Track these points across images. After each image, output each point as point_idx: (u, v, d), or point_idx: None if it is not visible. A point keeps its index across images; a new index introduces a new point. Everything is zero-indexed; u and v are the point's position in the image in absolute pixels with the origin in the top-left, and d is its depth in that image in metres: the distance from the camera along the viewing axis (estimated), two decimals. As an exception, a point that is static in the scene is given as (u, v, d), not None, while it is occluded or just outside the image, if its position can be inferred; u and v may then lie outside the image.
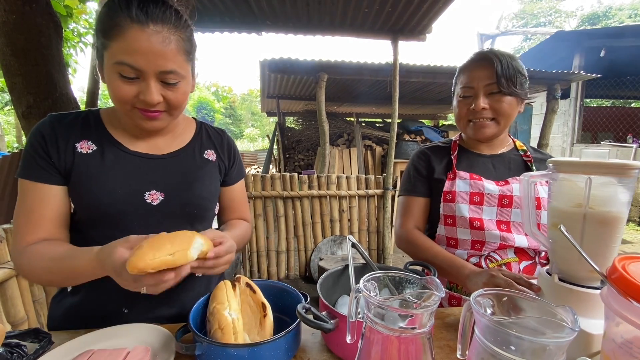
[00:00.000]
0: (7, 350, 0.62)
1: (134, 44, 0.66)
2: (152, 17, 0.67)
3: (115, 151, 0.80)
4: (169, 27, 0.69)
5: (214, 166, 0.92)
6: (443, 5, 2.93)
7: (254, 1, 2.89)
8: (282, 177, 3.29)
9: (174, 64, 0.71)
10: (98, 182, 0.76)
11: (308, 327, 0.66)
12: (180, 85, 0.74)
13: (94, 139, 0.80)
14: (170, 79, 0.72)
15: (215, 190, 0.92)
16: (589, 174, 0.61)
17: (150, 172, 0.82)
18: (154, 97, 0.70)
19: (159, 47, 0.67)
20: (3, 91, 7.96)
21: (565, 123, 7.80)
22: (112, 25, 0.67)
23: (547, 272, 0.72)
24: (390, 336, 0.46)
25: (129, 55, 0.67)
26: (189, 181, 0.85)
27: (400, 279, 0.54)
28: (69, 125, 0.79)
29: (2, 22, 1.88)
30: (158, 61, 0.68)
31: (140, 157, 0.82)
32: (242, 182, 1.02)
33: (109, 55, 0.69)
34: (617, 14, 18.57)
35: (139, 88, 0.70)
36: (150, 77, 0.69)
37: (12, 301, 1.45)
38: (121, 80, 0.69)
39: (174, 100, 0.74)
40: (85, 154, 0.78)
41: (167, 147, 0.86)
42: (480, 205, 1.00)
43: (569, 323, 0.42)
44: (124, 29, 0.66)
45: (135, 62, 0.67)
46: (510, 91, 0.98)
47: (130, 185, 0.78)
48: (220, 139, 0.97)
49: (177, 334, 0.66)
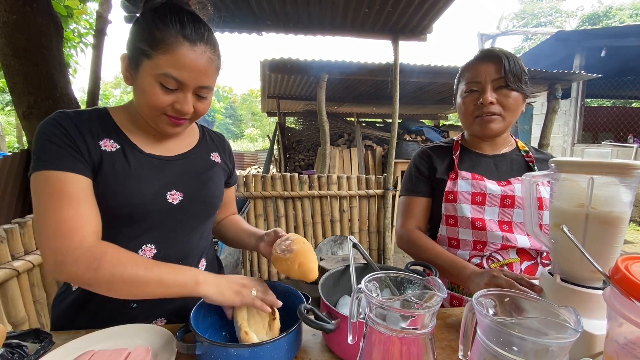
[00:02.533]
0: (7, 350, 0.62)
1: (184, 60, 0.70)
2: (200, 38, 0.72)
3: (134, 152, 0.81)
4: (211, 48, 0.75)
5: (220, 168, 0.97)
6: (444, 5, 2.93)
7: (254, 1, 2.89)
8: (282, 177, 3.29)
9: (211, 80, 0.77)
10: (126, 182, 0.76)
11: (309, 328, 0.65)
12: (209, 97, 0.80)
13: (115, 138, 0.79)
14: (204, 92, 0.77)
15: (222, 190, 0.97)
16: (592, 174, 0.61)
17: (167, 173, 0.84)
18: (190, 108, 0.76)
19: (204, 66, 0.73)
20: (4, 91, 7.97)
21: (566, 123, 7.79)
22: (162, 39, 0.69)
23: (549, 273, 0.72)
24: (392, 337, 0.46)
25: (177, 69, 0.71)
26: (203, 181, 0.89)
27: (401, 279, 0.54)
28: (89, 121, 0.77)
29: (3, 23, 1.88)
30: (200, 78, 0.74)
31: (156, 159, 0.84)
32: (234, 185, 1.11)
33: (153, 65, 0.71)
34: (618, 14, 18.54)
35: (176, 98, 0.74)
36: (189, 90, 0.74)
37: (12, 301, 1.45)
38: (161, 89, 0.72)
39: (201, 111, 0.80)
40: (110, 152, 0.77)
41: (176, 149, 0.89)
42: (482, 205, 1.00)
43: (571, 324, 0.42)
44: (175, 45, 0.70)
45: (181, 77, 0.71)
46: (518, 87, 0.98)
47: (154, 186, 0.80)
48: (222, 143, 1.03)
49: (178, 334, 0.66)
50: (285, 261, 0.74)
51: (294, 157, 7.39)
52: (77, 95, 2.48)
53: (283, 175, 3.29)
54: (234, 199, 1.12)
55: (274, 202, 3.32)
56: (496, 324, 0.43)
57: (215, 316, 0.78)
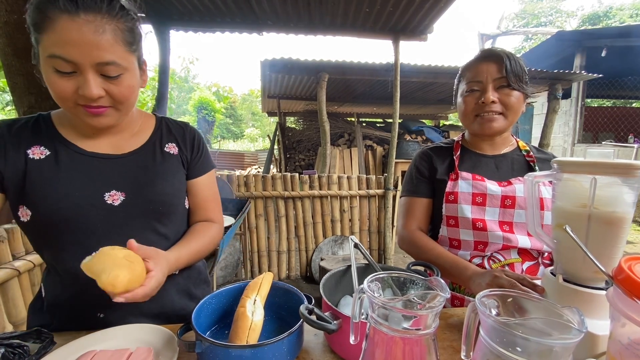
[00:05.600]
0: (9, 351, 0.62)
1: (65, 35, 0.63)
2: (83, 6, 0.64)
3: (70, 154, 0.77)
4: (102, 15, 0.65)
5: (176, 159, 0.88)
6: (445, 4, 2.92)
7: (255, 1, 2.89)
8: (283, 177, 3.29)
9: (112, 54, 0.67)
10: (52, 186, 0.74)
11: (310, 328, 0.65)
12: (123, 78, 0.71)
13: (46, 143, 0.77)
14: (111, 71, 0.68)
15: (179, 185, 0.88)
16: (594, 174, 0.61)
17: (109, 172, 0.79)
18: (93, 91, 0.67)
19: (92, 37, 0.64)
20: (4, 91, 7.97)
21: (567, 123, 7.78)
22: (42, 18, 0.64)
23: (552, 273, 0.71)
24: (394, 337, 0.45)
25: (61, 47, 0.64)
26: (149, 178, 0.82)
27: (404, 279, 0.53)
28: (19, 131, 0.76)
29: (3, 22, 1.88)
30: (93, 52, 0.65)
31: (98, 158, 0.79)
32: (210, 177, 0.95)
33: (42, 50, 0.66)
34: (618, 14, 18.53)
35: (77, 83, 0.67)
36: (87, 69, 0.66)
37: (13, 301, 1.45)
38: (57, 75, 0.66)
39: (118, 94, 0.71)
40: (37, 160, 0.75)
41: (127, 146, 0.83)
42: (483, 206, 1.00)
43: (575, 324, 0.42)
44: (54, 20, 0.63)
45: (68, 54, 0.64)
46: (519, 86, 0.98)
47: (88, 187, 0.76)
48: (182, 132, 0.92)
49: (178, 332, 0.66)
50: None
51: (294, 157, 7.39)
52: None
53: (283, 175, 3.29)
54: (207, 198, 0.94)
55: (275, 202, 3.32)
56: (500, 324, 0.43)
57: (216, 315, 0.78)
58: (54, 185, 0.74)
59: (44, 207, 0.73)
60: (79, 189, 0.75)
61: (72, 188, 0.75)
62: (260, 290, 0.74)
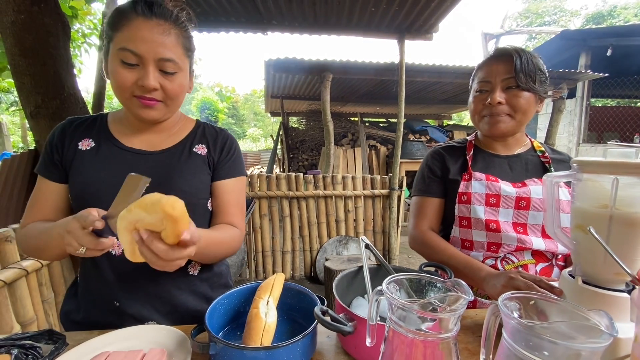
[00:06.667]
0: (21, 352, 0.62)
1: (138, 32, 0.73)
2: (156, 13, 0.75)
3: (110, 147, 0.86)
4: (170, 22, 0.77)
5: (202, 160, 0.90)
6: (451, 3, 2.91)
7: (260, 1, 2.88)
8: (287, 177, 3.28)
9: (173, 53, 0.77)
10: (87, 174, 0.83)
11: (323, 330, 0.64)
12: (177, 76, 0.79)
13: (95, 137, 0.87)
14: (169, 67, 0.77)
15: (199, 184, 0.89)
16: (616, 174, 0.59)
17: (137, 166, 0.84)
18: (151, 82, 0.75)
19: (160, 36, 0.75)
20: (8, 91, 8.01)
21: (571, 123, 7.73)
22: (120, 18, 0.75)
23: (570, 275, 0.70)
24: (415, 340, 0.45)
25: (132, 41, 0.73)
26: (169, 175, 0.86)
27: (424, 281, 0.52)
28: (78, 126, 0.88)
29: (10, 22, 1.88)
30: (158, 48, 0.75)
31: (132, 153, 0.86)
32: (238, 184, 0.95)
33: (114, 45, 0.75)
34: (622, 13, 18.40)
35: (139, 75, 0.75)
36: (149, 63, 0.75)
37: (21, 301, 1.45)
38: (122, 66, 0.75)
39: (170, 90, 0.79)
40: (83, 150, 0.85)
41: (161, 144, 0.89)
42: (497, 207, 0.99)
43: (604, 327, 0.41)
44: (131, 20, 0.74)
45: (137, 48, 0.73)
46: (529, 87, 0.96)
47: (115, 178, 0.78)
48: (216, 135, 0.95)
49: (192, 333, 0.66)
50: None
51: (298, 157, 7.39)
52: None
53: (288, 175, 3.28)
54: (230, 202, 0.93)
55: (279, 202, 3.31)
56: (525, 327, 0.42)
57: (228, 316, 0.77)
58: (87, 168, 0.84)
59: (75, 191, 0.83)
60: (106, 176, 0.83)
61: (102, 177, 0.83)
62: (273, 291, 0.73)
